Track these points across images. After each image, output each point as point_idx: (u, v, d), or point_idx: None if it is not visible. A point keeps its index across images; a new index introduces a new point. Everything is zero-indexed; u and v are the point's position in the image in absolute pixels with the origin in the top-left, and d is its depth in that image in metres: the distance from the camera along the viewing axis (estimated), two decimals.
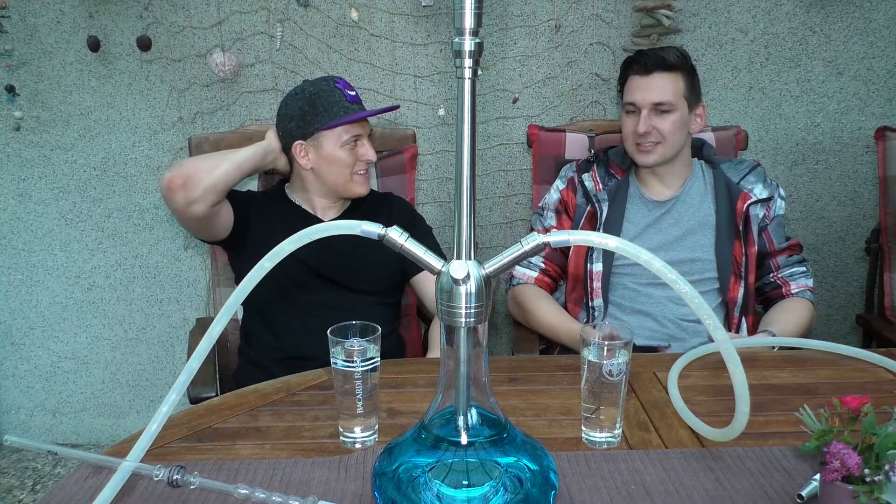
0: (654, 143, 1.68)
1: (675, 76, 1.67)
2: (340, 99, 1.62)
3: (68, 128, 2.25)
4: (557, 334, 1.71)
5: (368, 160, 1.67)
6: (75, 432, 2.55)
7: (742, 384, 0.82)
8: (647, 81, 1.67)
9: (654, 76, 1.67)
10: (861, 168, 2.31)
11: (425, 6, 2.13)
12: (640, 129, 1.67)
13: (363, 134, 1.66)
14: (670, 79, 1.67)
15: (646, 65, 1.67)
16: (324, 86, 1.64)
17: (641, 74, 1.68)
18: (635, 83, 1.70)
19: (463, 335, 0.81)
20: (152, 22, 2.14)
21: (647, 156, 1.70)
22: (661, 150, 1.69)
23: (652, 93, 1.67)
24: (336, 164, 1.64)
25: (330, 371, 1.06)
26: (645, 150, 1.69)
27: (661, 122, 1.67)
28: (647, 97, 1.67)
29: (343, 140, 1.63)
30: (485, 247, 2.33)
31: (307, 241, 0.82)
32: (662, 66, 1.66)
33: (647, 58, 1.68)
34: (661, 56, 1.67)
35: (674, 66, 1.67)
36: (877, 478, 0.77)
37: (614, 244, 0.79)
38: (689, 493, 0.92)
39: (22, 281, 2.39)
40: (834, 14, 2.18)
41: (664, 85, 1.66)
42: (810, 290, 1.73)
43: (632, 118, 1.70)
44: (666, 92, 1.66)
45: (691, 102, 1.70)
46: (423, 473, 0.83)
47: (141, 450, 0.88)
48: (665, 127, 1.67)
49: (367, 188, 1.70)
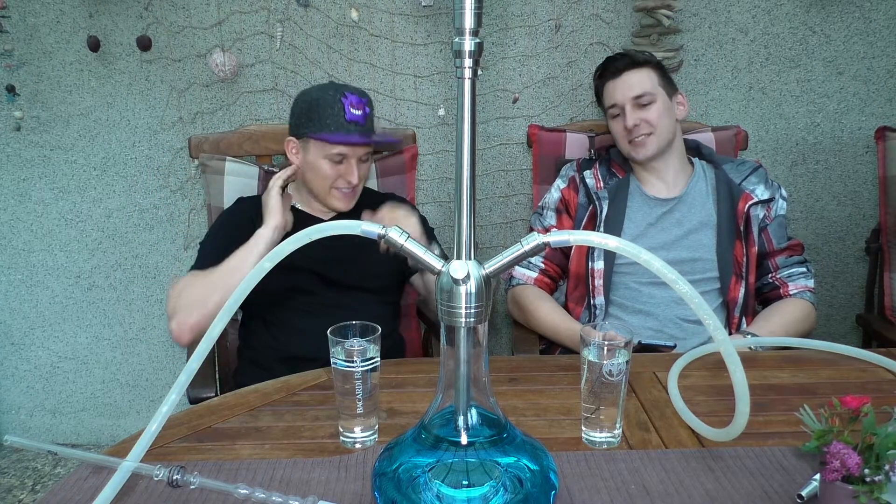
0: (646, 135, 1.71)
1: (645, 70, 1.73)
2: (339, 113, 1.58)
3: (68, 128, 2.25)
4: (558, 334, 1.71)
5: (348, 181, 1.62)
6: (75, 432, 2.55)
7: (742, 384, 0.82)
8: (622, 80, 1.72)
9: (626, 74, 1.72)
10: (861, 168, 2.31)
11: (425, 6, 2.13)
12: (628, 124, 1.71)
13: (350, 155, 1.61)
14: (643, 73, 1.72)
15: (615, 68, 1.74)
16: (328, 96, 1.60)
17: (614, 77, 1.74)
18: (611, 87, 1.75)
19: (463, 335, 0.81)
20: (152, 22, 2.14)
21: (642, 148, 1.71)
22: (655, 139, 1.71)
23: (629, 88, 1.71)
24: (317, 174, 1.63)
25: (330, 371, 1.06)
26: (639, 144, 1.71)
27: (646, 114, 1.70)
28: (626, 94, 1.71)
29: (326, 153, 1.60)
30: (485, 247, 2.33)
31: (307, 242, 0.82)
32: (631, 64, 1.73)
33: (615, 62, 1.75)
34: (626, 56, 1.75)
35: (641, 62, 1.73)
36: (877, 478, 0.77)
37: (614, 244, 0.79)
38: (689, 493, 0.92)
39: (22, 281, 2.39)
40: (834, 14, 2.18)
41: (638, 79, 1.72)
42: (810, 291, 1.73)
43: (618, 120, 1.75)
44: (643, 84, 1.71)
45: (668, 91, 1.74)
46: (423, 473, 0.83)
47: (141, 450, 0.88)
48: (651, 116, 1.70)
49: (347, 205, 1.66)
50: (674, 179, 1.76)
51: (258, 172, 1.90)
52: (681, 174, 1.77)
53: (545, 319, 1.73)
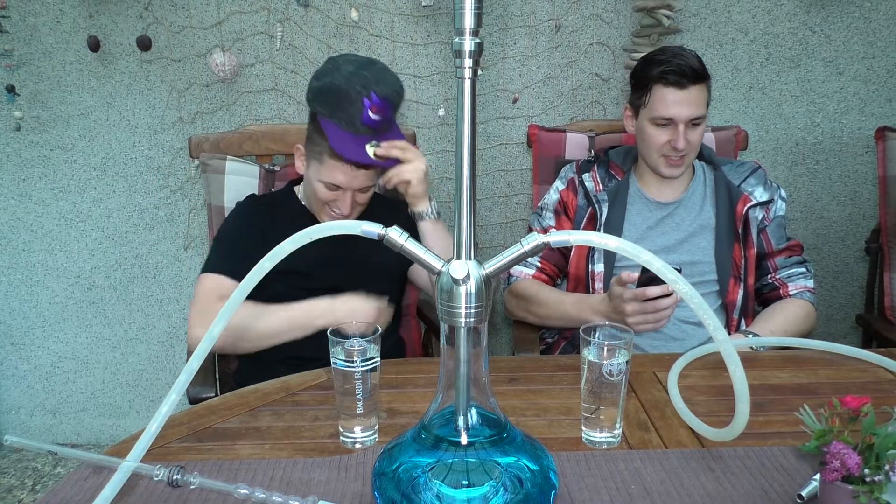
0: (682, 157, 1.65)
1: (705, 85, 1.63)
2: (356, 113, 1.46)
3: (68, 128, 2.25)
4: (563, 304, 1.67)
5: (340, 212, 1.56)
6: (75, 432, 2.55)
7: (742, 384, 0.82)
8: (686, 96, 1.59)
9: (692, 90, 1.59)
10: (861, 168, 2.31)
11: (425, 6, 2.13)
12: (678, 145, 1.60)
13: (346, 188, 1.53)
14: (703, 89, 1.61)
15: (683, 74, 1.58)
16: (353, 90, 1.46)
17: (678, 88, 1.59)
18: (672, 96, 1.60)
19: (463, 335, 0.81)
20: (152, 22, 2.14)
21: (676, 169, 1.66)
22: (688, 160, 1.67)
23: (691, 108, 1.59)
24: (316, 194, 1.57)
25: (330, 371, 1.06)
26: (675, 164, 1.66)
27: (693, 135, 1.63)
28: (686, 112, 1.59)
29: (322, 177, 1.53)
30: (485, 247, 2.33)
31: (307, 241, 0.82)
32: (697, 78, 1.59)
33: (683, 69, 1.58)
34: (692, 67, 1.59)
35: (704, 75, 1.61)
36: (877, 478, 0.77)
37: (614, 244, 0.79)
38: (689, 493, 0.92)
39: (22, 281, 2.39)
40: (834, 14, 2.18)
41: (700, 98, 1.61)
42: (810, 291, 1.72)
43: (663, 131, 1.63)
44: (701, 105, 1.61)
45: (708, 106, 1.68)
46: (423, 473, 0.83)
47: (141, 450, 0.88)
48: (695, 139, 1.63)
49: None
50: (676, 183, 1.75)
51: (259, 171, 1.90)
52: (683, 178, 1.77)
53: (549, 296, 1.71)
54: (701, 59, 1.64)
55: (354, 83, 1.47)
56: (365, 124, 1.48)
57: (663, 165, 1.67)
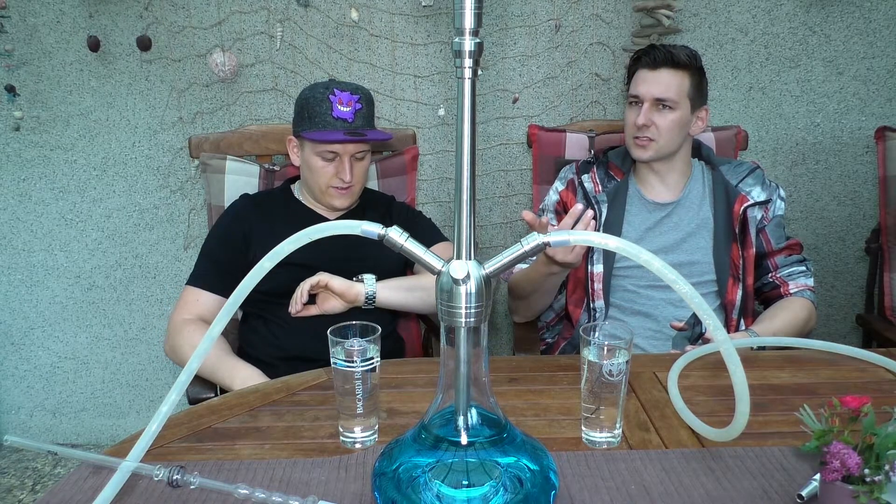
0: (648, 139, 1.68)
1: (681, 74, 1.67)
2: (326, 111, 1.59)
3: (68, 128, 2.25)
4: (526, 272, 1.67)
5: (342, 179, 1.62)
6: (75, 432, 2.55)
7: (742, 384, 0.82)
8: (654, 76, 1.66)
9: (661, 71, 1.66)
10: (861, 168, 2.31)
11: (425, 6, 2.13)
12: (638, 122, 1.67)
13: (342, 154, 1.61)
14: (677, 76, 1.66)
15: (654, 59, 1.67)
16: (318, 93, 1.61)
17: (650, 68, 1.67)
18: (642, 76, 1.68)
19: (463, 335, 0.81)
20: (152, 22, 2.14)
21: (641, 150, 1.69)
22: (655, 147, 1.68)
23: (656, 87, 1.66)
24: (312, 172, 1.64)
25: (330, 371, 1.06)
26: (640, 145, 1.69)
27: (659, 118, 1.66)
28: (650, 90, 1.66)
29: (317, 150, 1.61)
30: (485, 247, 2.33)
31: (307, 241, 0.82)
32: (671, 62, 1.66)
33: (657, 52, 1.67)
34: (671, 52, 1.66)
35: (682, 64, 1.66)
36: (877, 478, 0.77)
37: (614, 244, 0.79)
38: (689, 493, 0.92)
39: (22, 281, 2.39)
40: (834, 14, 2.18)
41: (669, 81, 1.66)
42: (810, 290, 1.73)
43: (634, 110, 1.70)
44: (670, 88, 1.66)
45: (695, 103, 1.69)
46: (423, 473, 0.83)
47: (141, 450, 0.88)
48: (663, 124, 1.66)
49: (344, 202, 1.66)
50: (674, 183, 1.76)
51: (259, 171, 1.90)
52: (681, 178, 1.77)
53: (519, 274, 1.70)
54: (696, 54, 1.69)
55: (317, 88, 1.63)
56: (337, 118, 1.59)
57: (633, 145, 1.71)
